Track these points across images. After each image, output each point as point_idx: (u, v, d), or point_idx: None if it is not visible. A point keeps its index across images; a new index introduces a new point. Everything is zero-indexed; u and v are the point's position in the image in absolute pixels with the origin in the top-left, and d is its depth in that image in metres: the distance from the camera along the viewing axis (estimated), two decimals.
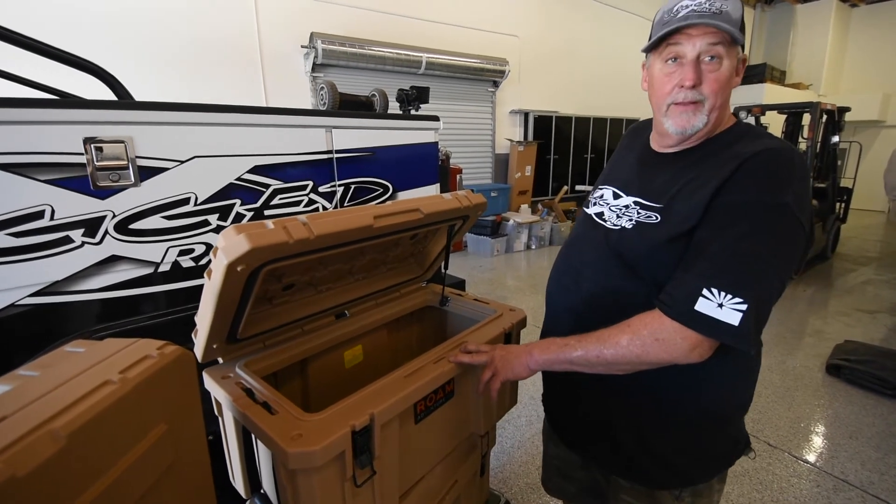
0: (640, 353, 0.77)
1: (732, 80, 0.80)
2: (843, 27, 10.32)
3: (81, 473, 0.50)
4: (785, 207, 0.72)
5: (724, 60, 0.78)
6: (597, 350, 0.81)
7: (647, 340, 0.76)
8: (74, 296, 1.20)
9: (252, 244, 0.70)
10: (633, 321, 0.79)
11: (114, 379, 0.56)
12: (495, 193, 6.42)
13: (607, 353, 0.80)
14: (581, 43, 7.61)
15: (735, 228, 0.73)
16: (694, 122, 0.82)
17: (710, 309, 0.71)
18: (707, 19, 0.75)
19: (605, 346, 0.80)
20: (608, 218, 0.93)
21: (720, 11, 0.75)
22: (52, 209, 1.11)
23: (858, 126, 10.02)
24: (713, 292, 0.71)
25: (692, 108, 0.81)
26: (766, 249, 0.72)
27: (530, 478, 2.05)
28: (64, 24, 3.60)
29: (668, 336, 0.74)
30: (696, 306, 0.72)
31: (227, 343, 0.95)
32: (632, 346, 0.77)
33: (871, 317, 3.98)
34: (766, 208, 0.73)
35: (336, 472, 0.76)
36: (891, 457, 2.18)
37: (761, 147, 0.77)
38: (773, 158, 0.76)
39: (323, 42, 4.66)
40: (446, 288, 1.43)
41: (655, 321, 0.76)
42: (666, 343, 0.75)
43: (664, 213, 0.83)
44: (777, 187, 0.73)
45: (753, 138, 0.81)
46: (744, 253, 0.72)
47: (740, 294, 0.70)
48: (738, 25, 0.76)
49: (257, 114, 1.37)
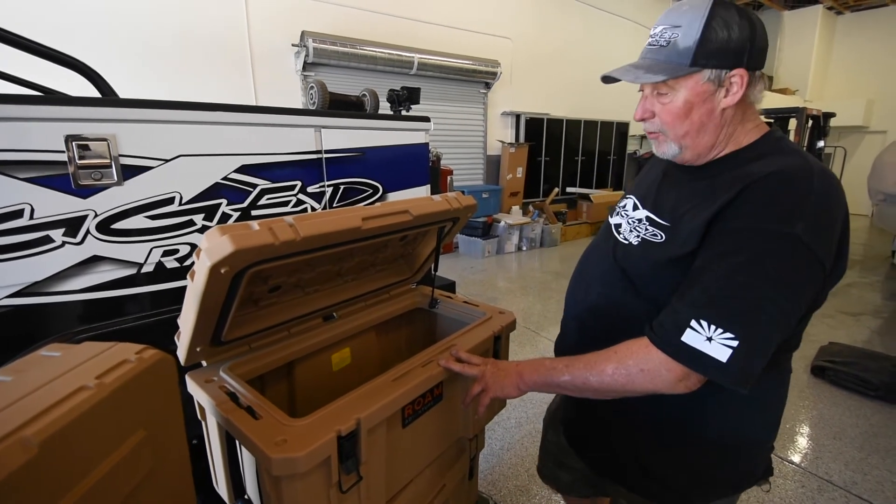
0: (624, 383, 0.75)
1: (704, 105, 0.76)
2: (828, 34, 10.50)
3: (54, 483, 0.48)
4: (791, 238, 0.66)
5: (678, 91, 0.76)
6: (583, 377, 0.80)
7: (633, 371, 0.74)
8: (55, 297, 1.17)
9: (236, 246, 0.69)
10: (620, 348, 0.78)
11: (90, 384, 0.55)
12: (487, 195, 6.43)
13: (593, 381, 0.78)
14: (573, 46, 7.65)
15: (732, 258, 0.69)
16: (663, 149, 0.83)
17: (697, 342, 0.68)
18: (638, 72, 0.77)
19: (591, 373, 0.79)
20: (623, 231, 0.92)
21: (668, 43, 0.76)
22: (31, 208, 1.08)
23: (843, 131, 10.21)
24: (702, 324, 0.68)
25: (654, 136, 0.84)
26: (765, 283, 0.67)
27: (519, 480, 2.04)
28: (46, 20, 3.53)
29: (654, 367, 0.72)
30: (683, 337, 0.69)
31: (212, 346, 0.93)
32: (616, 375, 0.75)
33: (854, 319, 4.04)
34: (768, 237, 0.67)
35: (321, 478, 0.75)
36: (873, 457, 2.21)
37: (775, 168, 0.72)
38: (785, 181, 0.70)
39: (314, 41, 4.62)
40: (436, 290, 1.43)
41: (642, 350, 0.74)
42: (651, 374, 0.73)
43: (669, 233, 0.81)
44: (784, 215, 0.67)
45: (774, 156, 0.75)
46: (738, 285, 0.67)
47: (730, 330, 0.66)
48: (688, 54, 0.73)
49: (244, 112, 1.35)
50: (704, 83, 0.75)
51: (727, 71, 0.74)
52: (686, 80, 0.75)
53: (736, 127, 0.80)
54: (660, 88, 0.78)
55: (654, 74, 0.76)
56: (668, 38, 0.75)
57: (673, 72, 0.75)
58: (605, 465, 1.01)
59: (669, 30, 0.76)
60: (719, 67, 0.74)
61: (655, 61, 0.77)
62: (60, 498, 0.48)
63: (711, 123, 0.78)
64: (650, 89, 0.80)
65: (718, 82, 0.75)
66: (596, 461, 1.03)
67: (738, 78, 0.74)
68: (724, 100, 0.76)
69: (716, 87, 0.75)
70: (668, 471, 0.90)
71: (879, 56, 9.95)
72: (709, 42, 0.72)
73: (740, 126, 0.80)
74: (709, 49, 0.72)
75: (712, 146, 0.80)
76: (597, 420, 0.99)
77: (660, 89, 0.79)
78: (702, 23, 0.72)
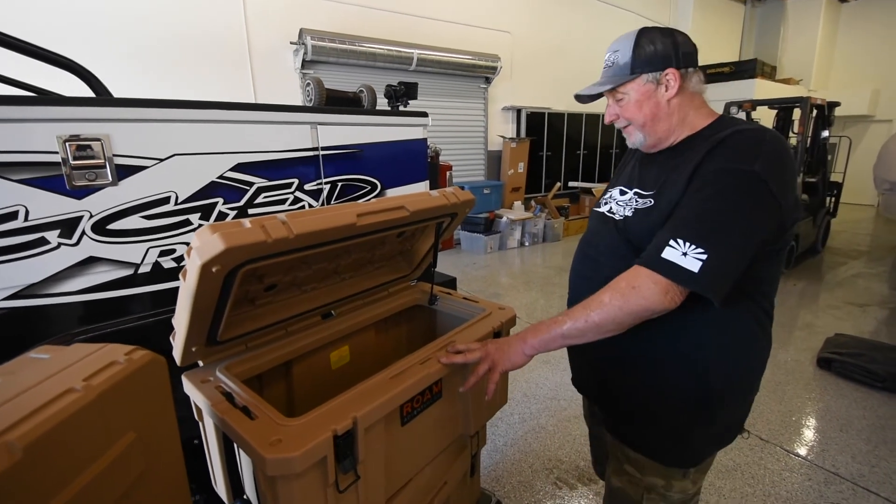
0: (621, 305, 0.84)
1: (651, 100, 0.95)
2: (832, 22, 10.37)
3: (41, 487, 0.48)
4: (751, 174, 0.81)
5: (629, 94, 0.97)
6: (584, 316, 0.88)
7: (625, 290, 0.84)
8: (52, 298, 1.17)
9: (227, 244, 0.68)
10: (612, 281, 0.88)
11: (77, 386, 0.54)
12: (488, 190, 6.40)
13: (594, 316, 0.87)
14: (573, 39, 7.59)
15: (702, 192, 0.84)
16: (633, 139, 1.02)
17: (674, 256, 0.81)
18: (594, 86, 1.01)
19: (590, 309, 0.88)
20: (616, 211, 1.04)
21: (613, 64, 0.98)
22: (26, 210, 1.08)
23: (848, 121, 10.09)
24: (678, 242, 0.81)
25: (626, 130, 1.02)
26: (729, 207, 0.81)
27: (523, 476, 2.04)
28: (40, 20, 3.53)
29: (642, 282, 0.83)
30: (662, 254, 0.82)
31: (207, 346, 0.93)
32: (613, 300, 0.85)
33: (861, 310, 4.01)
34: (731, 174, 0.83)
35: (317, 477, 0.74)
36: (881, 449, 2.19)
37: (732, 130, 0.89)
38: (743, 136, 0.87)
39: (312, 38, 4.60)
40: (436, 286, 1.41)
41: (631, 272, 0.86)
42: (641, 289, 0.83)
43: (656, 198, 0.94)
44: (743, 158, 0.83)
45: (732, 127, 0.91)
46: (707, 210, 0.82)
47: (701, 245, 0.79)
48: (627, 67, 0.95)
49: (239, 110, 1.34)
50: (645, 84, 0.95)
51: (661, 72, 0.94)
52: (631, 84, 0.96)
53: (688, 113, 0.97)
54: (615, 95, 1.00)
55: (604, 85, 0.99)
56: (613, 60, 0.98)
57: (618, 80, 0.97)
58: (617, 425, 1.09)
59: (612, 54, 0.99)
60: (653, 70, 0.94)
61: (607, 77, 1.00)
62: (48, 502, 0.48)
63: (661, 113, 0.96)
64: (611, 98, 1.01)
65: (656, 82, 0.95)
66: (611, 423, 1.11)
67: (672, 75, 0.94)
68: (666, 93, 0.95)
69: (656, 85, 0.95)
70: (666, 421, 0.98)
71: (884, 44, 9.82)
72: (640, 55, 0.94)
73: (693, 112, 0.97)
74: (641, 60, 0.94)
75: (669, 130, 0.98)
76: (603, 375, 1.09)
77: (616, 96, 1.00)
78: (632, 44, 0.95)
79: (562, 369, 2.88)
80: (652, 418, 1.00)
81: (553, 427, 2.37)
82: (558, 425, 2.39)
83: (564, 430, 2.35)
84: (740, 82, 8.94)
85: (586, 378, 1.18)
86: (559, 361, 2.96)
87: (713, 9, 9.68)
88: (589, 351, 1.00)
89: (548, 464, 2.11)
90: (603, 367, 1.08)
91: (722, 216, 0.81)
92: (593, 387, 1.16)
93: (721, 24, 10.13)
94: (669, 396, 0.96)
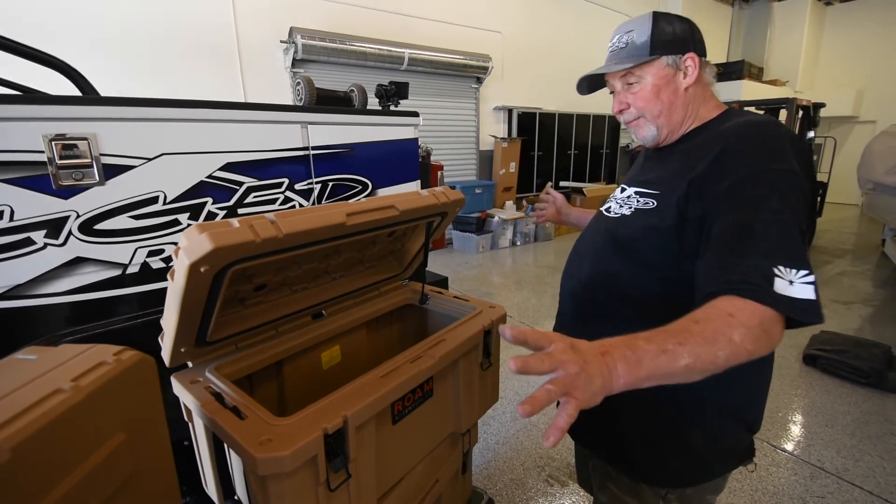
0: (752, 350, 0.64)
1: (669, 86, 0.88)
2: (818, 25, 10.54)
3: (28, 488, 0.47)
4: (795, 173, 0.74)
5: (644, 78, 0.89)
6: (710, 354, 0.63)
7: (758, 333, 0.65)
8: (39, 299, 1.15)
9: (215, 244, 0.68)
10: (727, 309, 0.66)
11: (65, 387, 0.53)
12: (480, 190, 6.42)
13: (721, 356, 0.63)
14: (564, 39, 7.63)
15: (768, 202, 0.72)
16: (643, 133, 0.95)
17: (787, 289, 0.66)
18: (609, 66, 0.91)
19: (716, 347, 0.63)
20: (612, 209, 1.00)
21: (626, 44, 0.90)
22: (11, 210, 1.06)
23: (833, 121, 10.27)
24: (781, 270, 0.67)
25: (634, 124, 0.95)
26: (798, 216, 0.72)
27: (514, 474, 2.05)
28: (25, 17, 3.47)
29: (771, 325, 0.66)
30: (776, 288, 0.66)
31: (197, 346, 0.92)
32: (746, 342, 0.64)
33: (846, 307, 4.08)
34: (783, 176, 0.74)
35: (308, 476, 0.74)
36: (865, 444, 2.24)
37: (744, 120, 0.82)
38: (760, 129, 0.79)
39: (302, 37, 4.58)
40: (427, 286, 1.42)
41: (754, 311, 0.65)
42: (770, 333, 0.65)
43: (659, 199, 0.87)
44: (779, 155, 0.76)
45: (738, 118, 0.86)
46: (786, 224, 0.71)
47: (802, 266, 0.67)
48: (645, 47, 0.87)
49: (229, 109, 1.33)
50: (665, 67, 0.88)
51: (681, 56, 0.87)
52: (649, 67, 0.88)
53: (699, 105, 0.91)
54: (628, 80, 0.91)
55: (623, 64, 0.89)
56: (626, 40, 0.90)
57: (637, 59, 0.88)
58: (604, 444, 1.02)
59: (625, 35, 0.90)
60: (674, 53, 0.87)
61: (620, 59, 0.90)
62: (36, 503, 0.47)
63: (678, 101, 0.90)
64: (620, 85, 0.93)
65: (676, 66, 0.88)
66: (595, 441, 1.04)
67: (692, 60, 0.87)
68: (685, 80, 0.88)
69: (675, 70, 0.88)
70: (672, 447, 0.91)
71: (869, 46, 10.00)
72: (660, 34, 0.86)
73: (703, 105, 0.92)
74: (661, 40, 0.86)
75: (682, 121, 0.92)
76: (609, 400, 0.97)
77: (628, 80, 0.91)
78: (650, 24, 0.87)
79: None
80: (637, 437, 0.94)
81: (544, 425, 2.39)
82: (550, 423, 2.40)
83: None
84: (728, 83, 9.07)
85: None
86: None
87: (701, 11, 9.78)
88: None
89: (539, 461, 2.13)
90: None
91: (797, 228, 0.71)
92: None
93: (709, 26, 10.25)
94: (651, 415, 0.90)
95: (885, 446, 2.21)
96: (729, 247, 0.72)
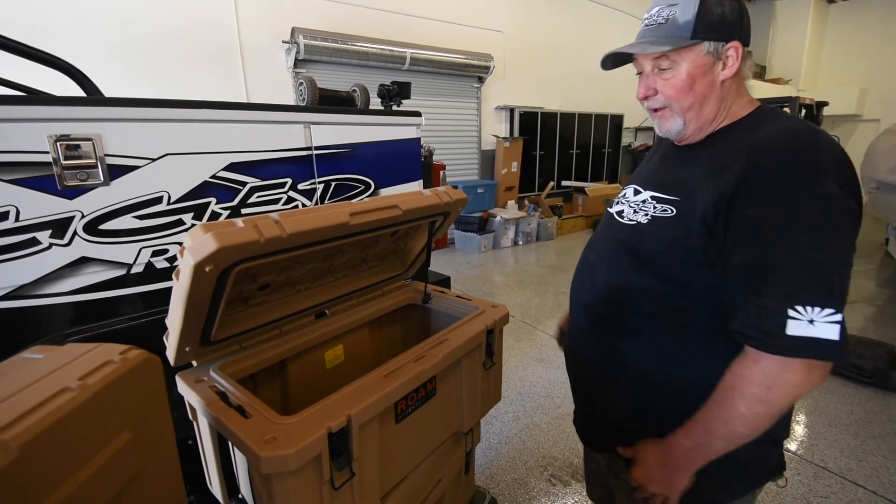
0: (766, 412, 0.70)
1: (706, 78, 0.78)
2: (820, 23, 10.50)
3: (36, 486, 0.48)
4: (830, 197, 0.67)
5: (679, 65, 0.79)
6: (733, 433, 0.73)
7: (762, 395, 0.69)
8: (44, 299, 1.16)
9: (220, 244, 0.68)
10: (730, 382, 0.72)
11: (72, 386, 0.54)
12: (482, 190, 6.42)
13: (742, 430, 0.72)
14: (565, 39, 7.62)
15: (793, 236, 0.67)
16: (668, 125, 0.85)
17: (802, 329, 0.64)
18: (643, 45, 0.80)
19: (733, 424, 0.72)
20: (626, 214, 0.92)
21: (666, 20, 0.79)
22: (17, 210, 1.07)
23: (836, 120, 10.22)
24: (798, 310, 0.64)
25: (660, 114, 0.85)
26: (830, 248, 0.66)
27: (517, 473, 2.05)
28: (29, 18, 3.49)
29: (776, 377, 0.67)
30: (788, 331, 0.65)
31: (201, 346, 0.93)
32: (754, 408, 0.70)
33: (849, 307, 4.05)
34: (812, 204, 0.67)
35: (312, 475, 0.75)
36: (868, 443, 2.23)
37: (780, 129, 0.74)
38: (796, 141, 0.71)
39: (305, 37, 4.58)
40: (429, 285, 1.42)
41: (754, 369, 0.69)
42: (780, 387, 0.68)
43: (680, 206, 0.80)
44: (814, 176, 0.68)
45: (773, 122, 0.77)
46: (814, 261, 0.66)
47: (829, 305, 0.64)
48: (688, 28, 0.76)
49: (232, 110, 1.34)
50: (704, 55, 0.77)
51: (724, 44, 0.77)
52: (688, 53, 0.78)
53: (733, 101, 0.82)
54: (661, 64, 0.80)
55: (659, 46, 0.78)
56: (667, 15, 0.78)
57: (676, 43, 0.77)
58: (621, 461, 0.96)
59: (667, 8, 0.79)
60: (717, 40, 0.77)
61: (657, 37, 0.79)
62: (42, 501, 0.48)
63: (713, 95, 0.80)
64: (651, 67, 0.82)
65: (716, 55, 0.78)
66: (615, 458, 0.99)
67: (734, 51, 0.77)
68: (723, 72, 0.79)
69: (714, 59, 0.78)
70: None
71: (872, 44, 9.95)
72: (707, 15, 0.75)
73: (737, 100, 0.83)
74: (707, 22, 0.75)
75: (713, 119, 0.82)
76: (609, 413, 0.98)
77: (661, 65, 0.80)
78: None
79: (555, 367, 2.89)
80: None
81: (547, 424, 2.39)
82: (552, 423, 2.40)
83: (558, 427, 2.37)
84: None
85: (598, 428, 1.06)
86: (553, 359, 2.98)
87: None
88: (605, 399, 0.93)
89: (542, 461, 2.13)
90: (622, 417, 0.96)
91: (828, 261, 0.66)
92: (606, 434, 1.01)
93: None
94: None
95: (889, 446, 2.20)
96: (745, 283, 0.71)
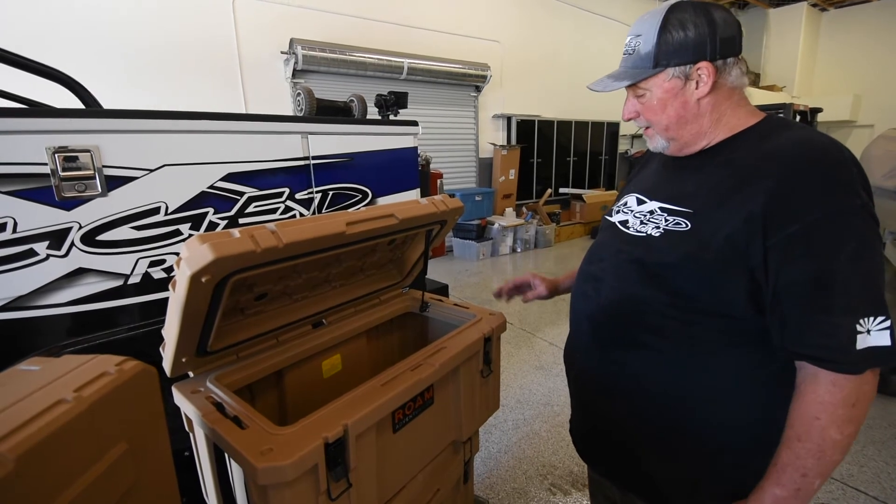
0: (857, 428, 0.71)
1: (677, 99, 0.81)
2: (813, 31, 10.62)
3: (32, 498, 0.48)
4: (864, 208, 0.70)
5: (651, 90, 0.83)
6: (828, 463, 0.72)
7: (851, 414, 0.70)
8: (41, 310, 1.16)
9: (216, 254, 0.68)
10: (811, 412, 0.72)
11: (68, 397, 0.54)
12: (480, 197, 6.44)
13: (838, 457, 0.72)
14: (562, 48, 7.70)
15: (844, 247, 0.68)
16: (654, 143, 0.90)
17: (865, 341, 0.68)
18: (607, 81, 0.86)
19: (830, 453, 0.72)
20: (632, 225, 0.91)
21: (633, 51, 0.83)
22: (14, 221, 1.08)
23: (831, 126, 10.31)
24: (862, 322, 0.68)
25: (647, 133, 0.90)
26: (874, 256, 0.70)
27: (517, 482, 2.04)
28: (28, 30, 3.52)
29: (858, 393, 0.70)
30: (858, 347, 0.68)
31: (198, 356, 0.93)
32: (846, 430, 0.71)
33: None
34: (854, 215, 0.69)
35: (309, 486, 0.74)
36: (869, 449, 2.23)
37: (801, 139, 0.74)
38: (821, 155, 0.72)
39: (303, 48, 4.63)
40: (427, 293, 1.42)
41: (835, 392, 0.70)
42: (862, 401, 0.70)
43: (694, 220, 0.80)
44: (848, 189, 0.70)
45: (788, 131, 0.78)
46: (866, 271, 0.69)
47: (879, 313, 0.68)
48: (649, 58, 0.80)
49: (229, 120, 1.35)
50: (671, 80, 0.81)
51: (691, 65, 0.79)
52: (654, 80, 0.82)
53: (724, 112, 0.83)
54: (636, 91, 0.85)
55: (620, 81, 0.84)
56: (633, 46, 0.84)
57: (637, 76, 0.82)
58: (629, 476, 0.97)
59: (634, 39, 0.84)
60: (681, 64, 0.79)
61: (625, 69, 0.86)
62: None
63: (689, 114, 0.82)
64: (631, 93, 0.87)
65: (686, 77, 0.80)
66: (621, 474, 0.99)
67: (705, 70, 0.79)
68: (697, 91, 0.81)
69: (684, 81, 0.80)
70: (688, 473, 0.88)
71: (865, 51, 10.07)
72: (665, 44, 0.79)
73: (731, 112, 0.83)
74: (667, 50, 0.79)
75: (698, 134, 0.84)
76: (612, 428, 0.97)
77: (636, 91, 0.85)
78: (657, 29, 0.79)
79: (554, 374, 2.88)
80: (681, 480, 0.89)
81: (547, 433, 2.38)
82: (552, 431, 2.39)
83: (558, 435, 2.35)
84: None
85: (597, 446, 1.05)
86: (552, 367, 2.98)
87: None
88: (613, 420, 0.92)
89: (542, 470, 2.12)
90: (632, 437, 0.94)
91: (875, 272, 0.70)
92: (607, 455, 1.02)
93: None
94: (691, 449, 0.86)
95: (890, 451, 2.20)
96: (809, 301, 0.71)
